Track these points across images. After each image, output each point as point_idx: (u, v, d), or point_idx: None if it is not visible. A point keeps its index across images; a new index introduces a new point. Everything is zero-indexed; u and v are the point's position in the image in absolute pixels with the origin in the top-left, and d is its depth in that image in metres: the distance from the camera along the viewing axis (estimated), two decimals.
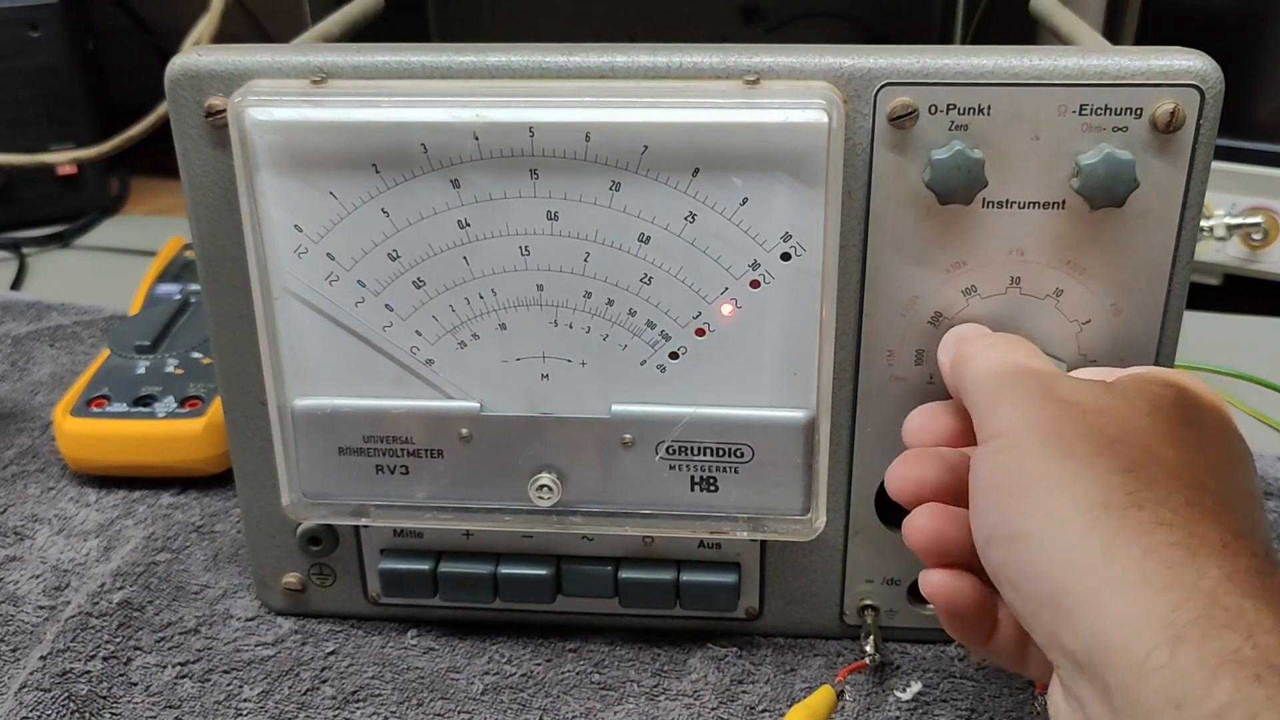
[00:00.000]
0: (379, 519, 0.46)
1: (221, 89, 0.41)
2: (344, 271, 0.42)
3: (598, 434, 0.43)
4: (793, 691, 0.46)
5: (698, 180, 0.39)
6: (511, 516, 0.45)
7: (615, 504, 0.44)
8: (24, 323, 0.76)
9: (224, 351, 0.45)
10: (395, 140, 0.39)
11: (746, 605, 0.48)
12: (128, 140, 0.83)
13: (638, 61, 0.40)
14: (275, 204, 0.41)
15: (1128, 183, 0.38)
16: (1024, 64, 0.38)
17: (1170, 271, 0.41)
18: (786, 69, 0.40)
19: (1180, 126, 0.38)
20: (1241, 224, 0.74)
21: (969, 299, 0.41)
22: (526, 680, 0.47)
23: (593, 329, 0.42)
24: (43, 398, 0.68)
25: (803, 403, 0.42)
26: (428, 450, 0.44)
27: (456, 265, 0.41)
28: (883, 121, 0.39)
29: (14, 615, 0.50)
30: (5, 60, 0.89)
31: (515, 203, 0.40)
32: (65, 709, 0.45)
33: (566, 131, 0.39)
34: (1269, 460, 0.60)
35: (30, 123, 0.91)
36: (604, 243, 0.40)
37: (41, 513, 0.58)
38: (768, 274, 0.40)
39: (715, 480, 0.44)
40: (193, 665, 0.48)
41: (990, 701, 0.45)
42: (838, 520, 0.46)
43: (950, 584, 0.36)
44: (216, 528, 0.56)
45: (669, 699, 0.46)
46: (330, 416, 0.44)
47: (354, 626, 0.50)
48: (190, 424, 0.58)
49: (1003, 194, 0.40)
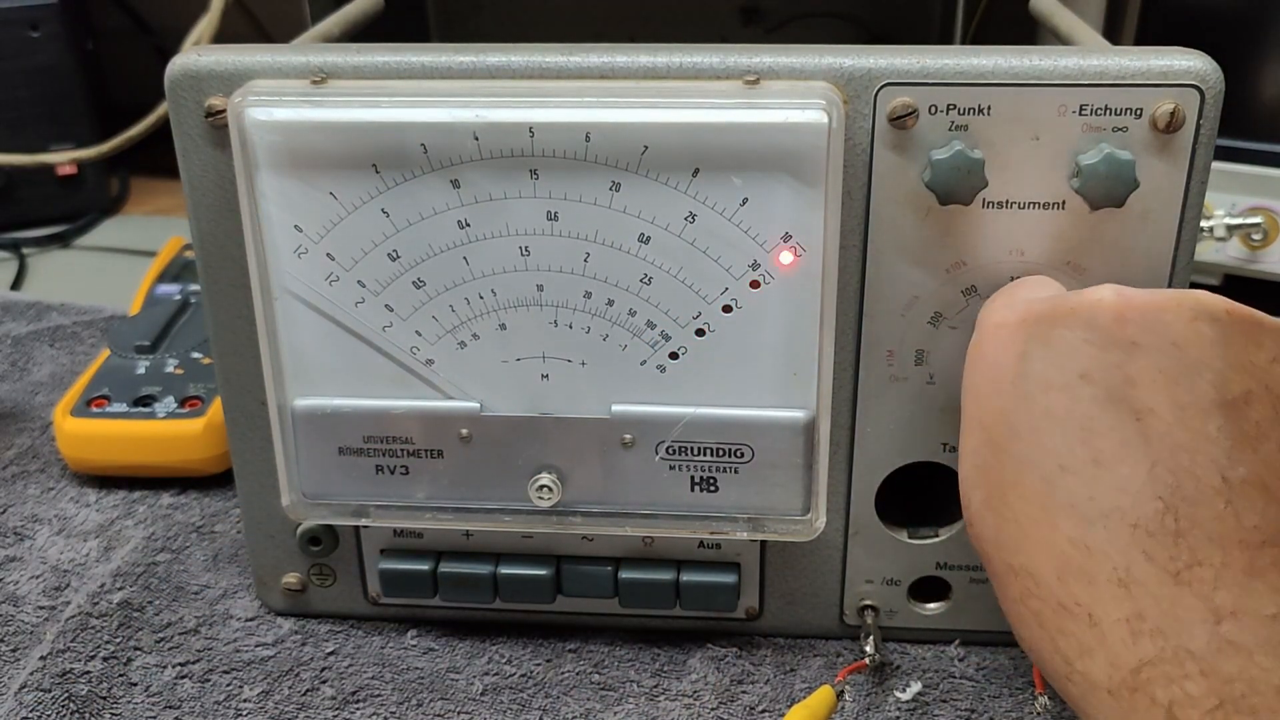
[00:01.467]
0: (379, 519, 0.46)
1: (221, 89, 0.41)
2: (344, 272, 0.42)
3: (598, 434, 0.43)
4: (793, 692, 0.46)
5: (698, 180, 0.39)
6: (511, 517, 0.45)
7: (615, 504, 0.44)
8: (24, 323, 0.76)
9: (224, 351, 0.45)
10: (395, 140, 0.39)
11: (746, 605, 0.48)
12: (128, 140, 0.83)
13: (638, 61, 0.40)
14: (275, 204, 0.41)
15: (1128, 183, 0.38)
16: (1024, 64, 0.38)
17: (1170, 272, 0.41)
18: (786, 69, 0.40)
19: (1180, 127, 0.38)
20: (1241, 224, 0.74)
21: (969, 299, 0.41)
22: (526, 680, 0.47)
23: (593, 329, 0.42)
24: (43, 398, 0.68)
25: (803, 403, 0.42)
26: (428, 450, 0.44)
27: (456, 265, 0.41)
28: (883, 121, 0.39)
29: (14, 615, 0.51)
30: (5, 60, 0.89)
31: (515, 203, 0.40)
32: (65, 709, 0.45)
33: (566, 131, 0.39)
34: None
35: (30, 123, 0.91)
36: (604, 243, 0.40)
37: (41, 513, 0.58)
38: (767, 274, 0.40)
39: (715, 480, 0.44)
40: (193, 665, 0.48)
41: (990, 701, 0.45)
42: (838, 520, 0.46)
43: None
44: (216, 528, 0.56)
45: (669, 699, 0.46)
46: (330, 417, 0.44)
47: (354, 627, 0.50)
48: (190, 424, 0.58)
49: (1003, 194, 0.40)
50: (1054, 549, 0.32)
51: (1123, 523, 0.31)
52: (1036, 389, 0.34)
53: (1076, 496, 0.32)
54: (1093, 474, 0.32)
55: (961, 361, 0.42)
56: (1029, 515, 0.33)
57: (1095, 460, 0.32)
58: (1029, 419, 0.34)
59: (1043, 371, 0.34)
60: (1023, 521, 0.33)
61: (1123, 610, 0.30)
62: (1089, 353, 0.33)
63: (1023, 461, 0.34)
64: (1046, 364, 0.34)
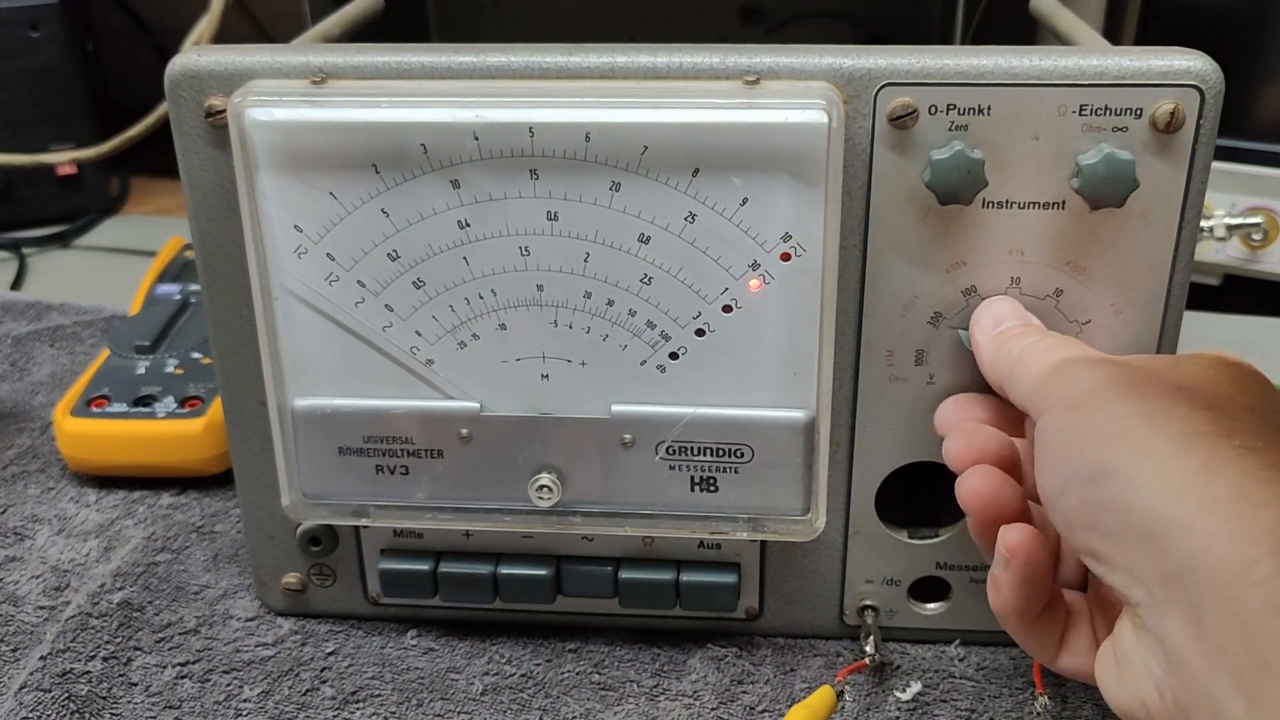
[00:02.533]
0: (379, 519, 0.46)
1: (221, 89, 0.41)
2: (344, 272, 0.42)
3: (598, 434, 0.43)
4: (793, 692, 0.46)
5: (698, 180, 0.39)
6: (511, 516, 0.45)
7: (615, 504, 0.44)
8: (24, 323, 0.76)
9: (224, 351, 0.45)
10: (395, 140, 0.39)
11: (746, 605, 0.48)
12: (128, 140, 0.83)
13: (638, 61, 0.40)
14: (275, 204, 0.41)
15: (1128, 183, 0.38)
16: (1024, 64, 0.38)
17: (1170, 271, 0.41)
18: (786, 69, 0.40)
19: (1180, 127, 0.38)
20: (1241, 224, 0.74)
21: (969, 299, 0.41)
22: (526, 680, 0.47)
23: (593, 329, 0.42)
24: (43, 398, 0.68)
25: (803, 403, 0.42)
26: (428, 450, 0.44)
27: (456, 265, 0.41)
28: (883, 122, 0.39)
29: (14, 615, 0.51)
30: (5, 60, 0.89)
31: (515, 203, 0.40)
32: (65, 709, 0.45)
33: (566, 131, 0.39)
34: None
35: (30, 123, 0.91)
36: (604, 243, 0.40)
37: (41, 513, 0.58)
38: (768, 274, 0.40)
39: (715, 480, 0.44)
40: (193, 665, 0.48)
41: (990, 702, 0.45)
42: (838, 520, 0.46)
43: (1031, 537, 0.36)
44: (216, 528, 0.56)
45: (669, 699, 0.46)
46: (330, 417, 0.44)
47: (354, 627, 0.50)
48: (190, 424, 0.58)
49: (1003, 194, 0.40)
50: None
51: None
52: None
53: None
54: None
55: (961, 361, 0.42)
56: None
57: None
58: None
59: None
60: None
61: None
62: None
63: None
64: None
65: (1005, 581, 0.36)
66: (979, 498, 0.37)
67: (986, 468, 0.37)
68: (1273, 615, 0.26)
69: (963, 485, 0.37)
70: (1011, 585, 0.36)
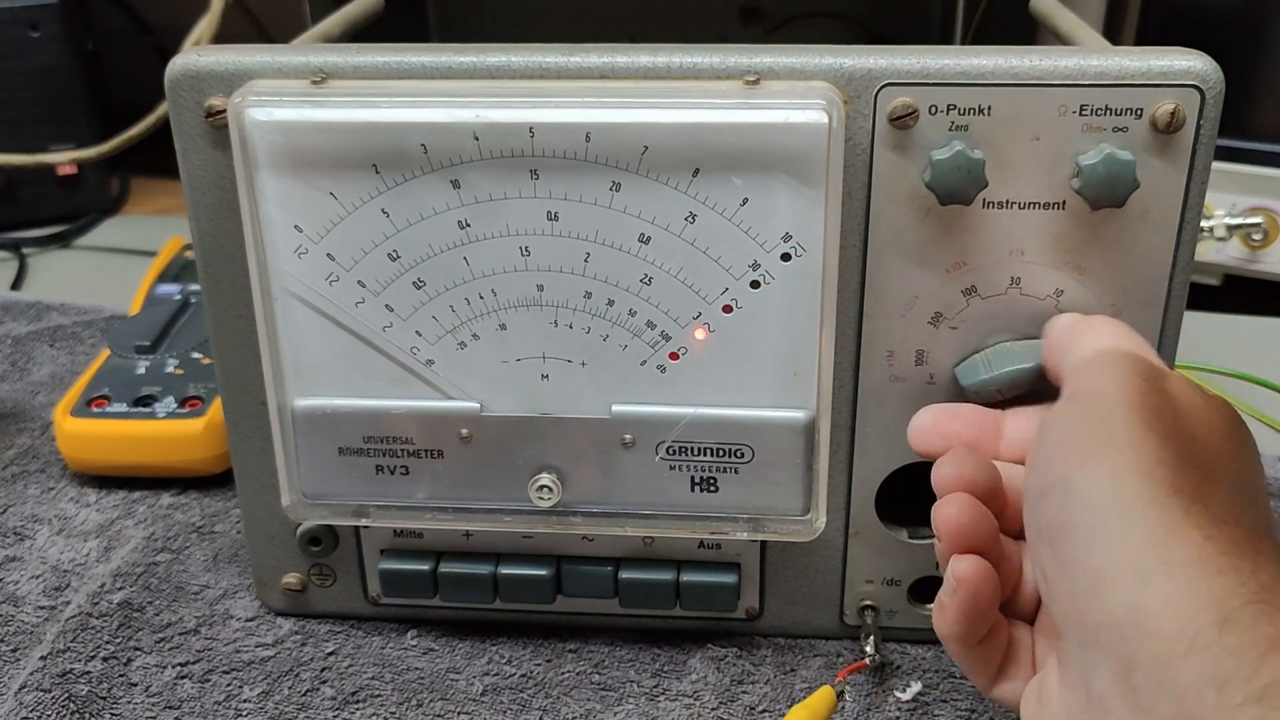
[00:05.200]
0: (379, 519, 0.46)
1: (221, 89, 0.41)
2: (344, 272, 0.42)
3: (598, 434, 0.43)
4: (793, 692, 0.46)
5: (698, 180, 0.39)
6: (511, 517, 0.45)
7: (615, 504, 0.44)
8: (24, 323, 0.76)
9: (224, 351, 0.45)
10: (395, 140, 0.39)
11: (746, 605, 0.48)
12: (128, 140, 0.83)
13: (638, 61, 0.40)
14: (275, 204, 0.41)
15: (1128, 183, 0.38)
16: (1024, 64, 0.38)
17: (1170, 272, 0.41)
18: (786, 69, 0.40)
19: (1180, 127, 0.38)
20: (1241, 224, 0.75)
21: (969, 299, 0.41)
22: (526, 681, 0.47)
23: (593, 329, 0.42)
24: (43, 398, 0.68)
25: (803, 403, 0.42)
26: (428, 450, 0.44)
27: (456, 265, 0.41)
28: (883, 122, 0.39)
29: (14, 615, 0.50)
30: (5, 60, 0.89)
31: (515, 203, 0.40)
32: (65, 709, 0.45)
33: (566, 132, 0.39)
34: (1269, 460, 0.60)
35: (30, 123, 0.91)
36: (604, 243, 0.40)
37: (41, 513, 0.58)
38: (768, 274, 0.40)
39: (715, 480, 0.44)
40: (193, 666, 0.48)
41: (990, 702, 0.45)
42: (838, 520, 0.46)
43: (980, 571, 0.36)
44: (216, 528, 0.56)
45: (669, 699, 0.46)
46: (330, 417, 0.44)
47: (354, 627, 0.50)
48: (190, 424, 0.58)
49: (1003, 194, 0.40)
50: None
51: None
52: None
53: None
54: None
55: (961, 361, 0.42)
56: None
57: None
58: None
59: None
60: None
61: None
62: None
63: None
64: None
65: (950, 607, 0.36)
66: (953, 526, 0.36)
67: (968, 498, 0.37)
68: (1207, 686, 0.26)
69: (940, 511, 0.37)
70: (954, 612, 0.36)
